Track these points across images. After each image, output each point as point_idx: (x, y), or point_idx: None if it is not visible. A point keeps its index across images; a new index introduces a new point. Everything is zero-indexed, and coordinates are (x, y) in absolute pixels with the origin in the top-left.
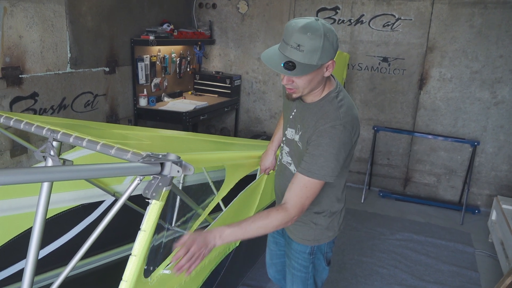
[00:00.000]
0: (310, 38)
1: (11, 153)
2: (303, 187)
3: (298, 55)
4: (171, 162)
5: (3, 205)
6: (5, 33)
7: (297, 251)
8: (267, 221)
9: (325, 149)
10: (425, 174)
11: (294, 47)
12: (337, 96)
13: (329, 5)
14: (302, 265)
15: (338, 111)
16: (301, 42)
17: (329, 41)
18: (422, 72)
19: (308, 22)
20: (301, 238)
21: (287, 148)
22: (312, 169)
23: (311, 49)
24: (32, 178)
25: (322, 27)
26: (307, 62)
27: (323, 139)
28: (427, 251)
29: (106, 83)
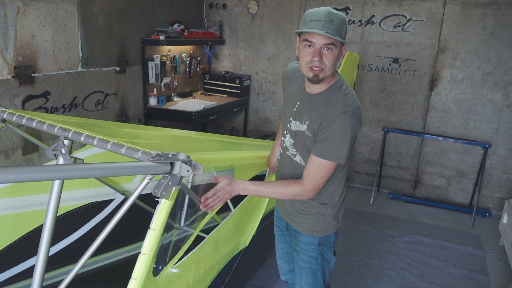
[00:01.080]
0: (339, 17)
1: (23, 151)
2: (317, 168)
3: (332, 27)
4: (181, 162)
5: (15, 202)
6: (18, 32)
7: (305, 243)
8: (286, 189)
9: (338, 134)
10: (435, 176)
11: (327, 22)
12: (342, 85)
13: (339, 5)
14: (311, 256)
15: (346, 98)
16: (333, 18)
17: (347, 25)
18: (433, 73)
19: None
20: (309, 230)
21: (291, 140)
22: (326, 152)
23: (340, 24)
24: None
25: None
26: (339, 35)
27: (335, 125)
28: (437, 254)
29: (117, 83)
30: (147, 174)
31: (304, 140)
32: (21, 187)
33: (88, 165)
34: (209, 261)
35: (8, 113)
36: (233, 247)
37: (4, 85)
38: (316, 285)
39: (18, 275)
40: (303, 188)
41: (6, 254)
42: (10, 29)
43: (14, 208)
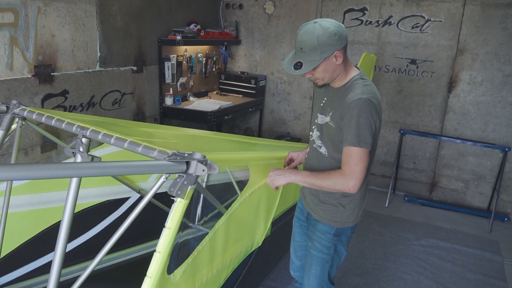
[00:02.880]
0: (307, 41)
1: (42, 149)
2: (349, 156)
3: (302, 55)
4: (196, 161)
5: (34, 199)
6: (39, 32)
7: (322, 231)
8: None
9: (356, 119)
10: (453, 179)
11: (299, 50)
12: (362, 78)
13: (356, 6)
14: (325, 245)
15: (364, 87)
16: (302, 45)
17: (325, 37)
18: (451, 75)
19: (306, 28)
20: (328, 219)
21: (317, 132)
22: (349, 139)
23: (310, 49)
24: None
25: (317, 29)
26: (311, 60)
27: (353, 111)
28: (453, 258)
29: (134, 82)
30: (163, 173)
31: (329, 131)
32: (39, 184)
33: (105, 163)
34: (222, 260)
35: (28, 111)
36: (247, 247)
37: (25, 83)
38: (323, 277)
39: (35, 270)
40: (344, 177)
41: (24, 249)
42: (31, 29)
43: (33, 204)
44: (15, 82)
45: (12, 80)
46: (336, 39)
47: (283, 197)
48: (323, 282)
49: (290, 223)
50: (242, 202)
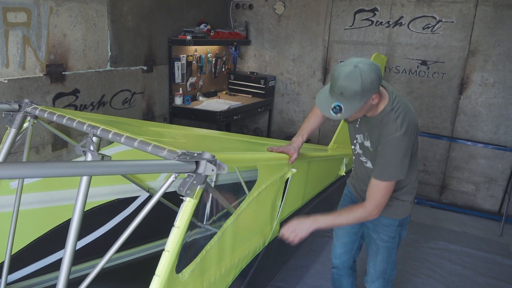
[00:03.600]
0: (349, 87)
1: (53, 147)
2: (377, 189)
3: (342, 100)
4: (206, 161)
5: (44, 196)
6: (51, 31)
7: (386, 224)
8: (351, 214)
9: (391, 157)
10: (463, 181)
11: (338, 94)
12: (393, 109)
13: (367, 6)
14: (391, 236)
15: (396, 122)
16: (343, 90)
17: (367, 83)
18: (463, 76)
19: (347, 72)
20: (392, 213)
21: (360, 150)
22: (383, 174)
23: (352, 95)
24: (73, 171)
25: (359, 74)
26: (350, 105)
27: (387, 149)
28: (463, 261)
29: (144, 82)
30: (172, 172)
31: (370, 153)
32: (50, 182)
33: (115, 162)
34: (230, 260)
35: (40, 110)
36: (255, 247)
37: (37, 82)
38: (389, 260)
39: (46, 268)
40: (365, 210)
41: (35, 246)
42: (43, 28)
43: (44, 202)
44: (27, 81)
45: (24, 79)
46: (376, 84)
47: (292, 198)
48: (388, 264)
49: None
50: (250, 202)
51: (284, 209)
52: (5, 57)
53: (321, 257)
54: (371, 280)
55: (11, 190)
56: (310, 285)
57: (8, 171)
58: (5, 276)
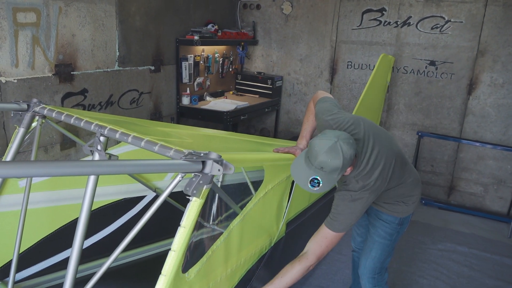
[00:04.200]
0: (330, 163)
1: (61, 146)
2: (324, 237)
3: (321, 174)
4: (212, 161)
5: (52, 196)
6: (60, 31)
7: (386, 220)
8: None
9: (344, 210)
10: (471, 183)
11: (318, 168)
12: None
13: (375, 6)
14: (388, 233)
15: (356, 185)
16: (324, 165)
17: (347, 158)
18: (471, 77)
19: (330, 146)
20: (392, 211)
21: None
22: (333, 224)
23: (332, 169)
24: (80, 171)
25: (341, 149)
26: (328, 178)
27: (341, 202)
28: (471, 263)
29: (151, 81)
30: (179, 172)
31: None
32: (58, 181)
33: (122, 162)
34: (236, 260)
35: (48, 110)
36: (261, 247)
37: (45, 82)
38: (381, 259)
39: (53, 266)
40: (306, 262)
41: (43, 245)
42: (52, 29)
43: (52, 201)
44: (36, 81)
45: (33, 79)
46: (353, 158)
47: (297, 199)
48: (379, 263)
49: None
50: (256, 202)
51: (290, 210)
52: (14, 57)
53: (327, 257)
54: (361, 274)
55: (20, 189)
56: (317, 285)
57: (17, 170)
58: (13, 274)
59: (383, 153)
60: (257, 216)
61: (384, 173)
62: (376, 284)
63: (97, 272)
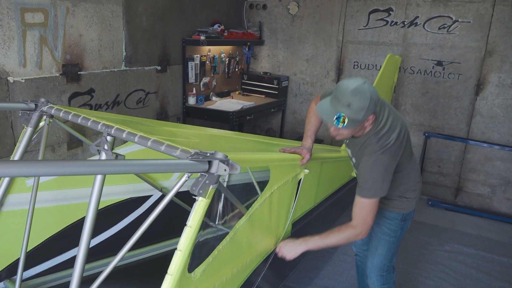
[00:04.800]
0: (359, 100)
1: (68, 146)
2: (361, 208)
3: (348, 111)
4: (218, 161)
5: (59, 195)
6: (67, 31)
7: (389, 217)
8: (340, 234)
9: (369, 175)
10: (479, 184)
11: (345, 105)
12: (376, 133)
13: (382, 6)
14: (392, 229)
15: (376, 145)
16: (352, 102)
17: (373, 101)
18: (479, 77)
19: (358, 85)
20: (396, 207)
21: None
22: (363, 192)
23: (359, 108)
24: (87, 170)
25: (368, 90)
26: (354, 118)
27: (366, 168)
28: (478, 265)
29: (158, 81)
30: (185, 171)
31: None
32: (65, 180)
33: (129, 161)
34: (242, 260)
35: (56, 109)
36: (266, 247)
37: (53, 82)
38: (388, 256)
39: (60, 265)
40: (354, 230)
41: (50, 243)
42: (59, 29)
43: (59, 200)
44: (44, 81)
45: (41, 79)
46: (376, 105)
47: (304, 199)
48: (386, 261)
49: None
50: (262, 202)
51: (296, 210)
52: (22, 57)
53: (333, 258)
54: (369, 274)
55: (27, 188)
56: (322, 286)
57: (24, 169)
58: (20, 272)
59: (398, 121)
60: (263, 216)
61: (400, 138)
62: (385, 282)
63: (103, 271)
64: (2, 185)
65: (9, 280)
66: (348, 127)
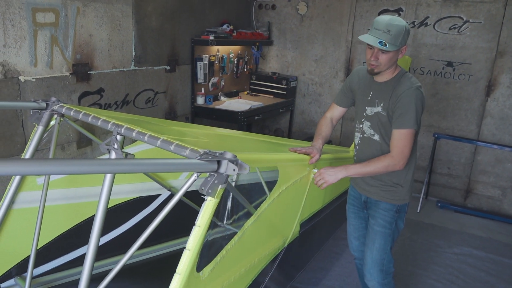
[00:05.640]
0: (396, 26)
1: (78, 145)
2: (400, 139)
3: (387, 37)
4: (227, 161)
5: (69, 193)
6: (77, 31)
7: (385, 209)
8: (379, 162)
9: (409, 106)
10: (489, 186)
11: (385, 32)
12: (406, 73)
13: (391, 6)
14: (387, 221)
15: (411, 80)
16: (391, 28)
17: (407, 32)
18: (490, 78)
19: (393, 16)
20: (390, 198)
21: (368, 123)
22: (403, 123)
23: (397, 34)
24: (97, 169)
25: (404, 22)
26: (393, 43)
27: (405, 99)
28: (488, 268)
29: (167, 81)
30: (194, 171)
31: (380, 119)
32: (75, 179)
33: (138, 161)
34: (250, 260)
35: (66, 108)
36: (274, 248)
37: (63, 81)
38: (386, 249)
39: (70, 262)
40: (392, 159)
41: (60, 241)
42: (70, 29)
43: (68, 198)
44: (54, 80)
45: (51, 78)
46: (408, 35)
47: (312, 200)
48: (385, 254)
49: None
50: (271, 202)
51: (304, 211)
52: (33, 56)
53: (341, 259)
54: (368, 271)
55: (38, 186)
56: (330, 287)
57: (35, 167)
58: (30, 269)
59: None
60: (271, 216)
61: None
62: (385, 277)
63: (112, 269)
64: (13, 183)
65: (20, 277)
66: (390, 49)
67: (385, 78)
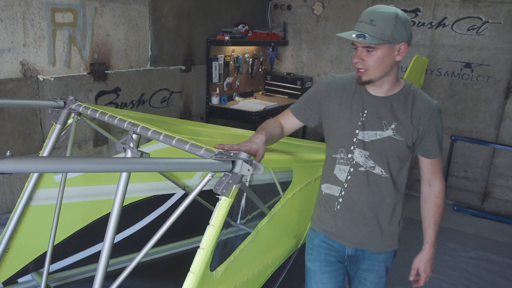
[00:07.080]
0: (382, 14)
1: (94, 143)
2: (439, 167)
3: (370, 29)
4: (242, 161)
5: (86, 191)
6: (95, 31)
7: (384, 260)
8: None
9: (440, 128)
10: (507, 190)
11: (367, 22)
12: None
13: (408, 7)
14: (388, 269)
15: (425, 95)
16: (374, 17)
17: (401, 21)
18: (509, 80)
19: (382, 5)
20: (390, 245)
21: (365, 152)
22: (441, 149)
23: (383, 23)
24: (113, 167)
25: (394, 9)
26: (378, 36)
27: (437, 119)
28: (505, 273)
29: (182, 81)
30: (209, 171)
31: (393, 146)
32: (91, 176)
33: (154, 159)
34: (263, 261)
35: (83, 107)
36: (288, 248)
37: (81, 80)
38: None
39: (85, 259)
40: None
41: (76, 238)
42: (88, 28)
43: (85, 196)
44: (72, 79)
45: (69, 77)
46: (409, 30)
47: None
48: None
49: None
50: (285, 203)
51: None
52: (52, 55)
53: None
54: None
55: (55, 184)
56: None
57: (53, 165)
58: (47, 265)
59: None
60: (285, 217)
61: None
62: None
63: (127, 266)
64: (31, 181)
65: (37, 273)
66: (371, 42)
67: (387, 90)
